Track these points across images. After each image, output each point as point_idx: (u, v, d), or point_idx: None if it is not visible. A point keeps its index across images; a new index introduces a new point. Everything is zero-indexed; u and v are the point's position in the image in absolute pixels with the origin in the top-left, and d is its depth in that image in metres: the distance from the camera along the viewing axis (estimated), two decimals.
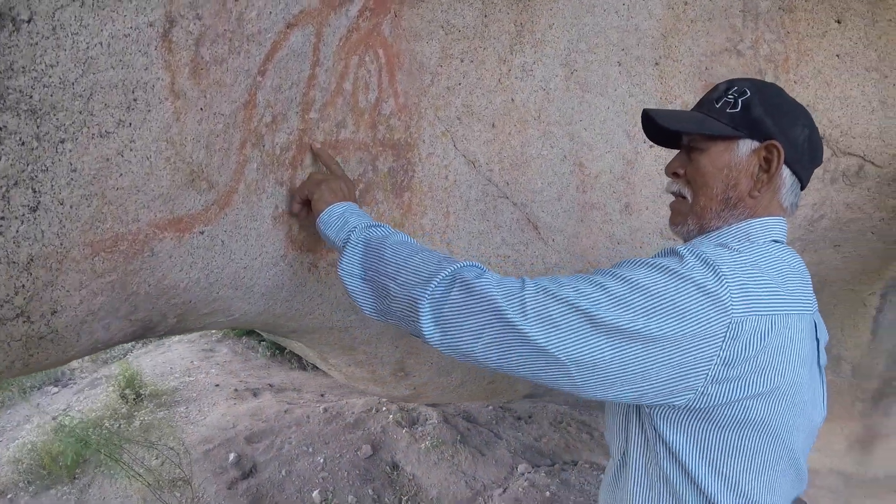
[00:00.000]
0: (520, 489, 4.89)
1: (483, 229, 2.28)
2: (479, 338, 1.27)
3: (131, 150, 1.42)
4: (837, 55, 2.64)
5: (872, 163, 2.75)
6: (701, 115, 1.47)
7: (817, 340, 1.44)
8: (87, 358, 7.91)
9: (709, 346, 1.16)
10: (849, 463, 4.57)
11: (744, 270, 1.22)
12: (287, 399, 6.42)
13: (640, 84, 2.43)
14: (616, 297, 1.19)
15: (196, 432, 5.53)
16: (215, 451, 5.19)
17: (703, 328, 1.16)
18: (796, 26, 2.60)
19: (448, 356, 1.48)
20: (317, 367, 5.76)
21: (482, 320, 1.27)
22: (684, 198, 1.50)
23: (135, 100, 1.40)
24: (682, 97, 2.46)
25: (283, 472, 5.00)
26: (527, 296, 1.24)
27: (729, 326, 1.16)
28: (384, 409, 6.02)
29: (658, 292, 1.18)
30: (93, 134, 1.35)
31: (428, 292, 1.34)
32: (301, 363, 7.81)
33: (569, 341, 1.19)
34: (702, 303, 1.16)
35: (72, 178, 1.34)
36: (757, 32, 2.57)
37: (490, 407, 6.39)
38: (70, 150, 1.32)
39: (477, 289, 1.29)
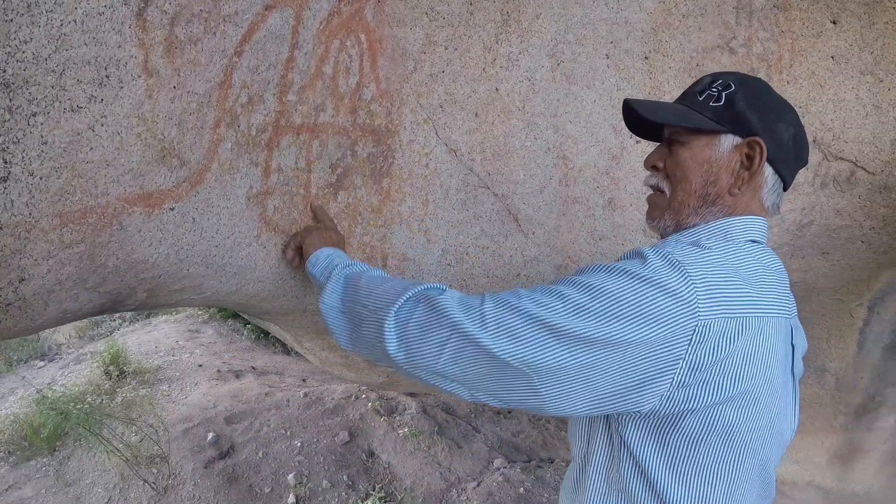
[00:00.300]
0: (494, 483, 4.90)
1: (462, 219, 2.26)
2: (441, 353, 1.27)
3: (102, 125, 1.43)
4: (832, 56, 2.62)
5: (864, 169, 2.73)
6: (684, 107, 1.42)
7: (792, 346, 1.41)
8: (73, 334, 7.95)
9: (674, 349, 1.13)
10: (828, 477, 4.55)
11: (712, 270, 1.19)
12: (268, 382, 6.46)
13: (628, 78, 2.41)
14: (576, 305, 1.17)
15: (177, 411, 5.56)
16: (194, 429, 5.22)
17: (667, 331, 1.13)
18: (791, 25, 2.57)
19: (413, 380, 1.43)
20: (300, 353, 5.78)
21: (443, 335, 1.27)
22: (662, 192, 1.46)
23: (107, 76, 1.41)
24: (672, 93, 2.44)
25: (260, 454, 5.02)
26: (486, 309, 1.24)
27: (696, 329, 1.13)
28: (363, 396, 6.04)
29: (619, 297, 1.15)
30: (64, 108, 1.36)
31: (392, 312, 1.36)
32: (285, 347, 7.86)
33: (529, 352, 1.18)
34: (666, 305, 1.13)
35: (42, 151, 1.34)
36: (750, 30, 2.55)
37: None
38: (41, 124, 1.33)
39: (438, 305, 1.30)
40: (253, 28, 1.66)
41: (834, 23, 2.60)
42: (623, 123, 2.24)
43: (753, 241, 1.35)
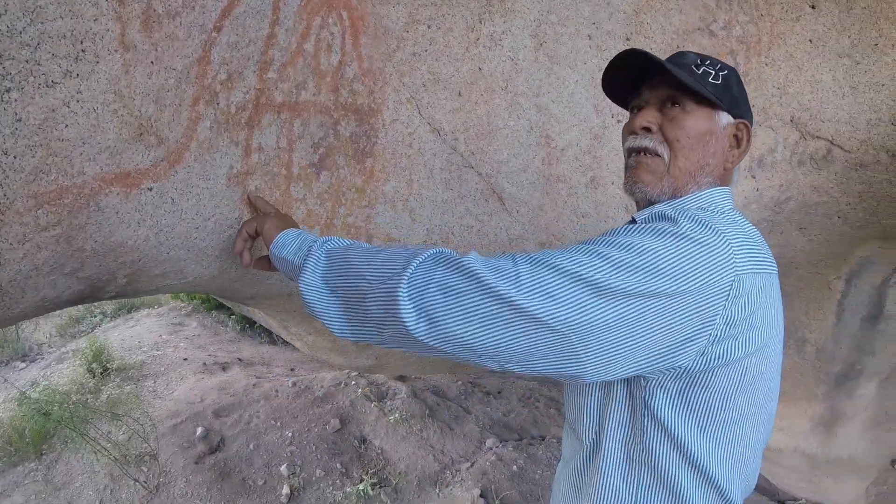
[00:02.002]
0: (487, 463, 4.90)
1: (447, 198, 2.26)
2: (471, 320, 1.14)
3: (78, 101, 1.41)
4: (810, 40, 2.63)
5: (841, 147, 2.76)
6: (694, 80, 1.39)
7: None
8: (54, 332, 7.88)
9: (713, 302, 1.15)
10: (812, 444, 4.63)
11: (736, 228, 1.24)
12: (256, 373, 6.42)
13: (609, 59, 2.40)
14: (617, 262, 1.13)
15: (163, 406, 5.52)
16: (183, 425, 5.18)
17: (709, 282, 1.14)
18: (770, 9, 2.59)
19: (438, 355, 1.24)
20: (287, 342, 5.76)
21: (473, 300, 1.14)
22: (659, 156, 1.42)
23: (83, 50, 1.39)
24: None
25: (252, 447, 4.99)
26: (521, 269, 1.15)
27: (733, 283, 1.15)
28: (353, 383, 6.02)
29: (661, 252, 1.14)
30: (39, 84, 1.34)
31: (406, 278, 1.19)
32: (271, 337, 7.81)
33: (571, 311, 1.11)
34: (707, 258, 1.15)
35: (16, 128, 1.32)
36: (731, 13, 2.56)
37: (459, 382, 6.43)
38: (15, 100, 1.30)
39: (464, 266, 1.17)
40: (233, 3, 1.64)
41: (813, 7, 2.61)
42: (605, 102, 2.25)
43: (733, 209, 1.41)
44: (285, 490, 4.53)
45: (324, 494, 4.58)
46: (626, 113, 1.88)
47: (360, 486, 4.55)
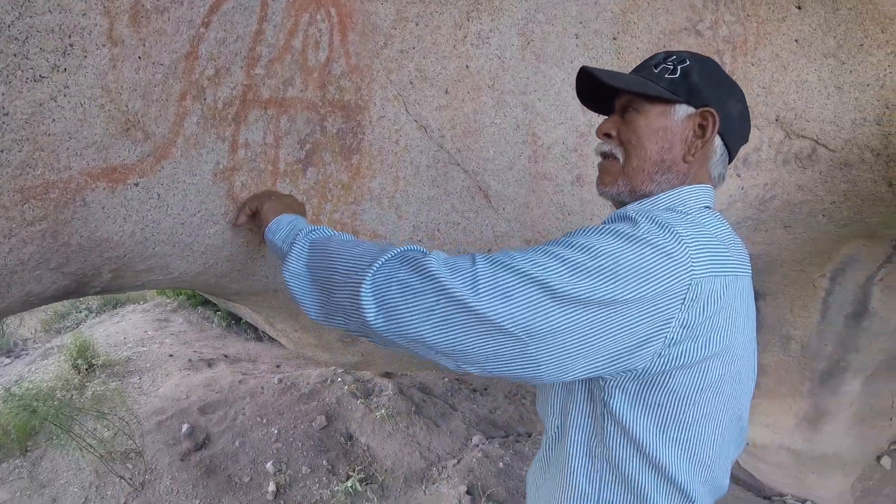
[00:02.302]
0: (473, 460, 4.92)
1: (433, 195, 2.27)
2: (427, 319, 1.17)
3: (65, 95, 1.41)
4: (796, 40, 2.65)
5: (825, 146, 2.78)
6: (642, 78, 1.44)
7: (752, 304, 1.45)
8: (39, 328, 7.84)
9: (668, 306, 1.15)
10: (797, 439, 4.67)
11: (697, 231, 1.23)
12: (242, 370, 6.40)
13: (596, 58, 2.42)
14: (574, 266, 1.15)
15: (149, 403, 5.50)
16: (168, 422, 5.17)
17: (664, 289, 1.14)
18: (757, 10, 2.61)
19: (401, 350, 1.31)
20: (273, 339, 5.75)
21: (430, 300, 1.17)
22: (615, 158, 1.47)
23: (71, 45, 1.38)
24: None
25: (237, 444, 4.99)
26: (478, 270, 1.17)
27: (689, 287, 1.15)
28: (339, 379, 6.02)
29: (616, 257, 1.15)
30: (27, 78, 1.33)
31: (370, 274, 1.26)
32: (257, 334, 7.79)
33: (525, 314, 1.12)
34: (663, 264, 1.15)
35: (3, 122, 1.32)
36: (717, 13, 2.57)
37: (446, 379, 6.44)
38: (3, 94, 1.30)
39: (423, 267, 1.21)
40: None
41: (799, 8, 2.63)
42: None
43: (707, 208, 1.40)
44: (271, 487, 4.53)
45: (310, 491, 4.59)
46: None
47: (347, 484, 4.56)
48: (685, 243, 1.17)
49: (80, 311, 8.57)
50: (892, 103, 2.64)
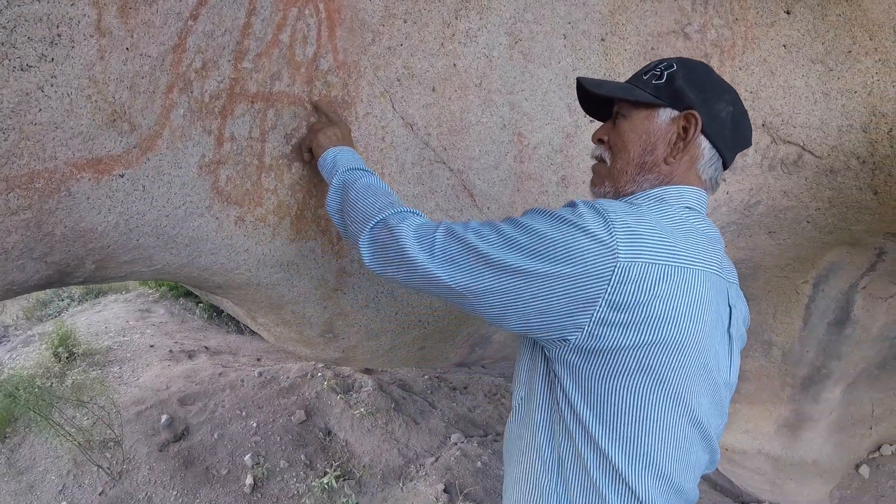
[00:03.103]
0: (452, 458, 4.92)
1: (418, 193, 2.27)
2: (399, 270, 1.50)
3: (52, 85, 1.40)
4: (784, 45, 2.67)
5: (811, 153, 2.80)
6: (629, 85, 1.52)
7: (730, 307, 1.46)
8: (21, 315, 7.80)
9: (593, 285, 1.21)
10: (776, 446, 4.69)
11: (636, 220, 1.26)
12: (222, 362, 6.38)
13: (584, 59, 2.43)
14: (509, 240, 1.32)
15: (129, 393, 5.47)
16: (147, 412, 5.14)
17: (586, 268, 1.21)
18: (746, 14, 2.62)
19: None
20: (254, 332, 5.75)
21: (399, 258, 1.48)
22: (604, 161, 1.56)
23: (59, 35, 1.38)
24: (626, 75, 2.46)
25: (216, 436, 4.98)
26: (437, 237, 1.43)
27: (614, 270, 1.20)
28: (319, 374, 6.01)
29: (546, 236, 1.27)
30: (14, 67, 1.33)
31: (366, 231, 1.58)
32: (238, 326, 7.78)
33: (465, 277, 1.36)
34: (586, 245, 1.22)
35: None
36: (706, 16, 2.59)
37: (426, 376, 6.44)
38: None
39: (395, 233, 1.49)
40: None
41: (788, 13, 2.64)
42: (578, 103, 2.27)
43: (689, 209, 1.42)
44: (249, 480, 4.53)
45: (287, 486, 4.59)
46: None
47: (325, 479, 4.56)
48: (614, 228, 1.22)
49: (63, 300, 8.52)
50: (879, 110, 2.66)
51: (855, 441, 4.87)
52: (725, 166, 1.51)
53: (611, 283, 1.20)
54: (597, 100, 1.62)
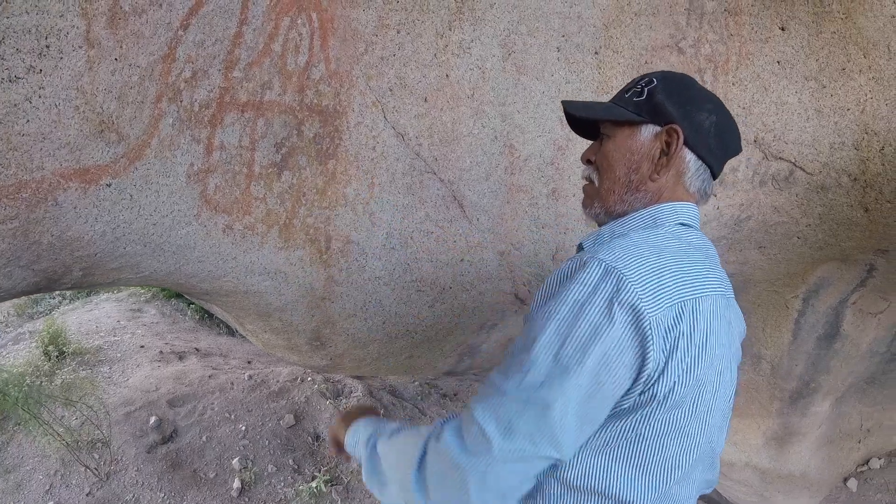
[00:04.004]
0: None
1: (408, 203, 2.27)
2: (466, 489, 1.22)
3: (40, 96, 1.41)
4: (778, 61, 2.67)
5: (803, 169, 2.80)
6: (611, 104, 1.49)
7: (730, 324, 1.41)
8: (12, 312, 7.77)
9: (633, 352, 1.16)
10: (764, 458, 4.67)
11: (645, 262, 1.22)
12: (212, 364, 6.37)
13: (577, 72, 2.43)
14: (543, 376, 1.19)
15: (118, 393, 5.46)
16: (136, 413, 5.14)
17: (621, 343, 1.15)
18: (740, 29, 2.62)
19: None
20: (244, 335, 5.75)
21: (465, 478, 1.22)
22: (592, 182, 1.53)
23: (47, 46, 1.39)
24: (619, 88, 2.46)
25: (204, 438, 4.97)
26: (487, 432, 1.21)
27: (648, 327, 1.15)
28: (309, 379, 5.99)
29: (572, 336, 1.17)
30: (2, 78, 1.34)
31: (412, 479, 1.32)
32: (229, 329, 7.76)
33: (532, 436, 1.18)
34: (615, 321, 1.15)
35: None
36: (700, 32, 2.59)
37: (416, 383, 6.42)
38: None
39: (449, 457, 1.25)
40: (201, 1, 1.64)
41: (782, 29, 2.64)
42: None
43: (683, 224, 1.40)
44: (236, 484, 4.52)
45: (275, 490, 4.58)
46: None
47: (312, 484, 4.55)
48: (632, 286, 1.17)
49: (54, 297, 8.50)
50: (872, 128, 2.66)
51: (843, 454, 4.87)
52: (714, 176, 1.47)
53: (647, 344, 1.16)
54: (584, 121, 1.58)
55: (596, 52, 2.45)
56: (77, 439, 4.62)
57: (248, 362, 6.62)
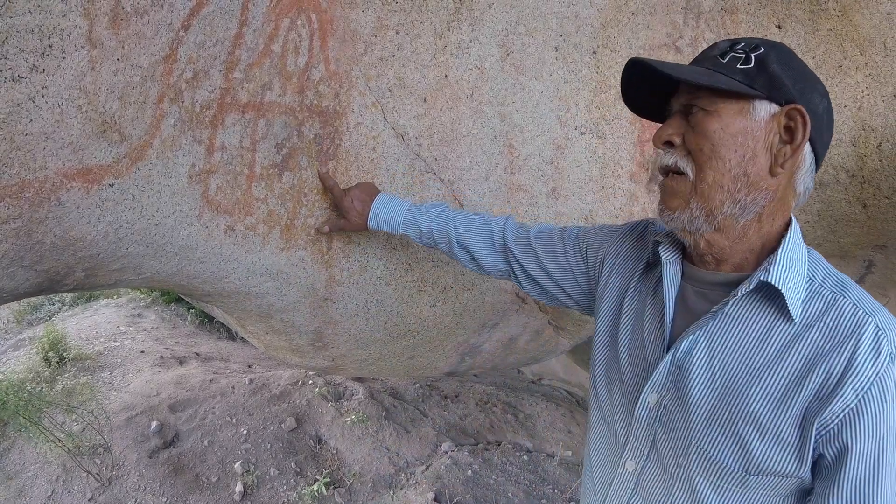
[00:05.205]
0: (442, 467, 4.92)
1: None
2: None
3: (43, 96, 1.41)
4: None
5: None
6: (706, 69, 1.16)
7: None
8: (12, 318, 7.77)
9: None
10: None
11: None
12: (213, 368, 6.37)
13: (575, 71, 2.44)
14: None
15: (119, 399, 5.46)
16: (137, 418, 5.13)
17: None
18: (737, 28, 2.63)
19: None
20: (245, 339, 5.73)
21: None
22: (682, 173, 1.20)
23: (50, 46, 1.39)
24: (617, 88, 2.48)
25: (206, 443, 4.97)
26: None
27: None
28: (310, 382, 6.00)
29: None
30: (5, 78, 1.35)
31: None
32: (229, 333, 7.77)
33: None
34: None
35: None
36: (697, 30, 2.59)
37: (417, 384, 6.43)
38: None
39: None
40: (201, 2, 1.65)
41: (779, 27, 2.65)
42: (569, 114, 2.27)
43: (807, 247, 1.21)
44: (239, 488, 4.51)
45: (277, 493, 4.57)
46: (591, 125, 1.89)
47: (314, 487, 4.55)
48: None
49: (54, 303, 8.51)
50: (869, 125, 2.66)
51: None
52: (816, 170, 1.19)
53: None
54: (646, 89, 1.29)
55: (594, 52, 2.46)
56: (78, 445, 4.61)
57: (249, 366, 6.63)
